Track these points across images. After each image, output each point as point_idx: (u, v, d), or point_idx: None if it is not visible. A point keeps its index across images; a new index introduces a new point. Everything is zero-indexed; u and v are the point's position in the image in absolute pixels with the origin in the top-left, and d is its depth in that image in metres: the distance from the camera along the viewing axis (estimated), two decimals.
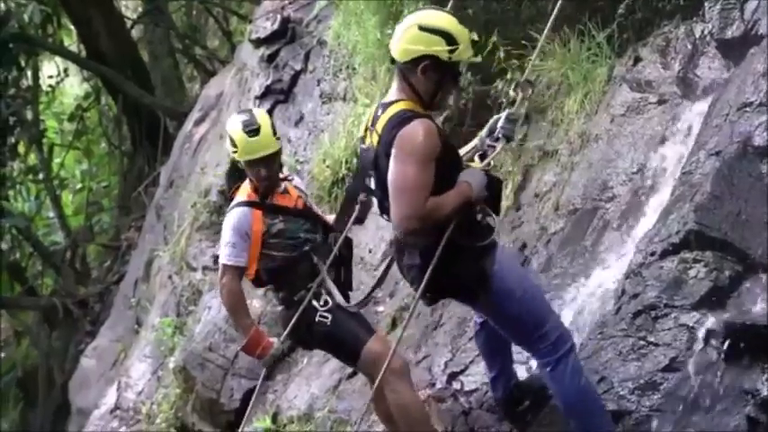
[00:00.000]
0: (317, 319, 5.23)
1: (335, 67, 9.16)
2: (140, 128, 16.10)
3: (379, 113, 4.32)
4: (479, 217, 4.34)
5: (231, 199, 5.59)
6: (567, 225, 5.51)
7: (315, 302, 5.25)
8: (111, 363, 11.90)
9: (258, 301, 7.92)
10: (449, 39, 4.17)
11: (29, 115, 15.79)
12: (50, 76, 16.82)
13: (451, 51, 4.17)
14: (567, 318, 5.05)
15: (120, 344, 11.87)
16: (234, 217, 5.39)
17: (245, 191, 5.51)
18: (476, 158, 4.51)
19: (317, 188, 8.44)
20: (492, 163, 4.49)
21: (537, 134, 6.22)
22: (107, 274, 16.06)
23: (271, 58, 10.24)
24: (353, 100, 8.49)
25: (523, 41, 6.16)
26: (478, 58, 4.48)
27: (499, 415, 5.09)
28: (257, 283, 5.58)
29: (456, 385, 5.41)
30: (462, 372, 5.48)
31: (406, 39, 4.21)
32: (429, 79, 4.22)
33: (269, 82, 10.11)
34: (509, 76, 6.30)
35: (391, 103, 4.28)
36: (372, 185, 4.46)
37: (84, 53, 16.58)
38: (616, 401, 4.30)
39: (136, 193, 15.20)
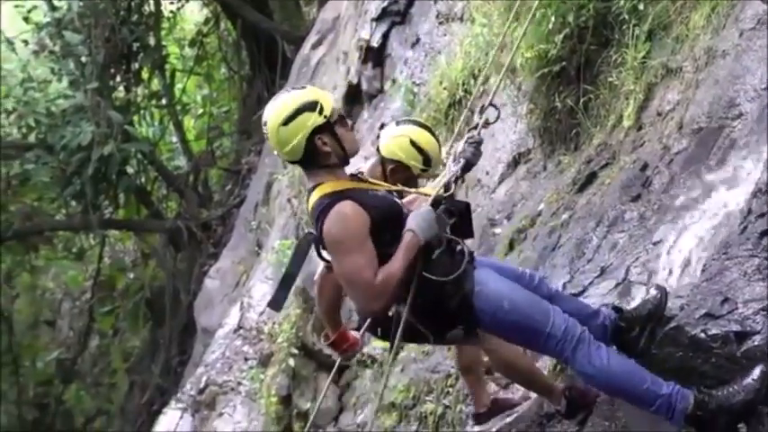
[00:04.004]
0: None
1: None
2: (259, 52, 16.29)
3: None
4: (458, 247, 4.31)
5: None
6: (691, 144, 5.35)
7: None
8: (234, 284, 12.22)
9: None
10: (312, 107, 4.22)
11: (151, 41, 16.08)
12: (171, 2, 17.05)
13: (320, 113, 4.22)
14: (689, 239, 4.94)
15: (241, 265, 12.17)
16: None
17: None
18: (440, 187, 4.42)
19: (433, 110, 8.41)
20: (453, 188, 4.38)
21: (660, 51, 6.03)
22: (228, 197, 16.42)
23: None
24: (470, 20, 8.38)
25: None
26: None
27: None
28: None
29: None
30: (581, 293, 5.40)
31: (284, 140, 4.25)
32: (327, 144, 4.26)
33: (385, 4, 10.06)
34: None
35: (312, 189, 4.32)
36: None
37: None
38: (740, 322, 4.18)
39: (255, 117, 15.34)
